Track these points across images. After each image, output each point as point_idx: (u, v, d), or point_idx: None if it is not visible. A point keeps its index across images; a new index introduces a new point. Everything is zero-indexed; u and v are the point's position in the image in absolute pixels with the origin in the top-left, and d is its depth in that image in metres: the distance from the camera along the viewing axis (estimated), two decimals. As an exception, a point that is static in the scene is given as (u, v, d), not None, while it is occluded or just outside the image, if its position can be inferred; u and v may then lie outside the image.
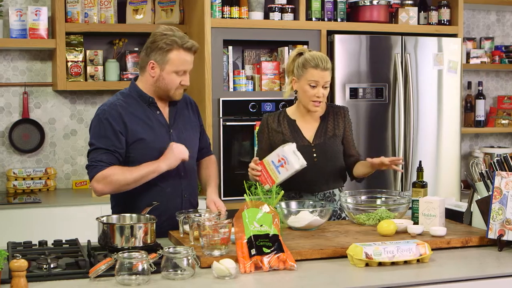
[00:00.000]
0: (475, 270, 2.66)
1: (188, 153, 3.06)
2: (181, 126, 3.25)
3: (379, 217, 3.19)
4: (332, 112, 3.56)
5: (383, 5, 5.05)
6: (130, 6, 4.93)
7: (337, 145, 3.52)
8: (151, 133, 3.12)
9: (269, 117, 3.58)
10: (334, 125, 3.53)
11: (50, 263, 2.48)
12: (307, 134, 3.51)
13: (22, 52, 4.93)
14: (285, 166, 3.23)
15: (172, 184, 3.17)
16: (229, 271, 2.42)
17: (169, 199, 3.15)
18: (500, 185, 2.90)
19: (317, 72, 3.39)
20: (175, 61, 3.07)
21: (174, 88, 3.13)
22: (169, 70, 3.08)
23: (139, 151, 3.09)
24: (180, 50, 3.06)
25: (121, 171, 3.02)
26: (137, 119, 3.11)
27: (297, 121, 3.54)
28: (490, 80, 6.12)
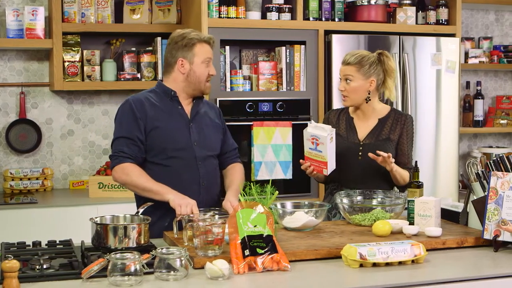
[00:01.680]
0: (470, 270, 2.65)
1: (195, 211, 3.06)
2: (202, 122, 3.39)
3: (374, 218, 3.17)
4: (393, 117, 3.59)
5: (381, 5, 5.03)
6: (127, 6, 4.92)
7: (388, 149, 3.50)
8: (170, 123, 3.29)
9: (331, 113, 3.72)
10: (390, 129, 3.55)
11: (42, 263, 2.48)
12: (361, 133, 3.57)
13: (19, 52, 4.92)
14: (319, 142, 3.32)
15: (189, 171, 3.29)
16: (222, 272, 2.40)
17: (186, 186, 3.23)
18: (496, 186, 2.89)
19: (340, 66, 3.55)
20: (200, 52, 3.31)
21: (205, 79, 3.33)
22: (197, 62, 3.30)
23: (156, 139, 3.26)
24: (202, 43, 3.32)
25: (138, 173, 3.19)
26: (158, 109, 3.29)
27: (354, 119, 3.61)
28: (488, 80, 6.11)
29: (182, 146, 3.29)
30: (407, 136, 3.57)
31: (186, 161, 3.29)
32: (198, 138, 3.33)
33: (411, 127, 3.58)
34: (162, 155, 3.27)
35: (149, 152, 3.28)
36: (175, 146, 3.27)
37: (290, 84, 4.82)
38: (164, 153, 3.27)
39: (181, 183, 3.23)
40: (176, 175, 3.27)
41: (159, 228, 3.08)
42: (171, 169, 3.27)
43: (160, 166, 3.27)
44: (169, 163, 3.27)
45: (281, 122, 4.69)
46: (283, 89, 4.82)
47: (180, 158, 3.28)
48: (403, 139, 3.56)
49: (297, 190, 4.78)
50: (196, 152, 3.31)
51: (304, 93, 4.82)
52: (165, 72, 3.39)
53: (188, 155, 3.29)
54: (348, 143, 3.55)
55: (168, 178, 3.23)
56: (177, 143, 3.28)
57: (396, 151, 3.56)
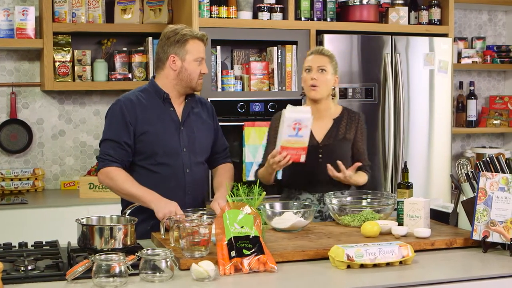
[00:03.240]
0: (459, 271, 2.64)
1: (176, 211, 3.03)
2: (193, 125, 3.33)
3: (364, 218, 3.16)
4: (347, 116, 3.56)
5: (373, 5, 5.02)
6: (118, 6, 4.90)
7: (346, 149, 3.50)
8: (160, 128, 3.23)
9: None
10: (346, 128, 3.53)
11: (27, 265, 2.46)
12: (317, 134, 3.52)
13: (10, 52, 4.90)
14: (302, 126, 3.19)
15: (175, 179, 3.24)
16: (208, 273, 2.39)
17: (172, 194, 3.16)
18: (485, 186, 2.87)
19: (310, 57, 3.50)
20: (193, 50, 3.24)
21: (196, 77, 3.27)
22: (189, 59, 3.24)
23: (145, 143, 3.21)
24: (195, 39, 3.25)
25: (123, 178, 3.15)
26: (149, 112, 3.23)
27: None
28: (482, 80, 6.10)
29: (171, 152, 3.24)
30: (362, 134, 3.55)
31: (173, 168, 3.24)
32: (188, 143, 3.28)
33: (364, 125, 3.58)
34: (150, 160, 3.24)
35: (138, 155, 3.24)
36: (164, 152, 3.23)
37: (281, 84, 4.81)
38: (153, 158, 3.23)
39: (167, 191, 3.17)
40: (162, 183, 3.22)
41: (140, 231, 3.00)
42: (158, 175, 3.23)
43: (148, 171, 3.25)
44: (157, 169, 3.24)
45: (272, 122, 4.67)
46: (275, 89, 4.80)
47: (168, 165, 3.23)
48: (358, 138, 3.55)
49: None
50: (184, 159, 3.26)
51: (295, 93, 4.80)
52: (157, 68, 3.33)
53: (176, 162, 3.25)
54: None
55: (154, 184, 3.18)
56: (165, 149, 3.23)
57: (352, 150, 3.54)
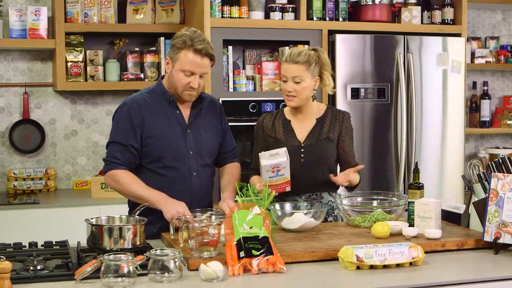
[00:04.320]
0: (469, 273, 2.62)
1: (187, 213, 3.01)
2: (201, 127, 3.30)
3: (375, 219, 3.14)
4: (331, 115, 3.49)
5: (386, 5, 4.99)
6: (131, 6, 4.91)
7: (329, 149, 3.44)
8: (166, 131, 3.21)
9: (265, 118, 3.56)
10: (329, 128, 3.46)
11: (36, 265, 2.46)
12: (300, 134, 3.46)
13: (23, 52, 4.92)
14: (281, 167, 3.24)
15: (182, 182, 3.22)
16: (216, 273, 2.38)
17: (179, 197, 3.14)
18: (497, 187, 2.85)
19: (285, 65, 3.37)
20: (182, 60, 3.13)
21: (181, 87, 3.17)
22: (177, 68, 3.15)
23: (152, 147, 3.20)
24: (189, 50, 3.11)
25: (129, 181, 3.13)
26: (155, 115, 3.21)
27: (292, 121, 3.49)
28: (495, 80, 6.06)
29: (178, 155, 3.22)
30: (347, 133, 3.47)
31: (180, 172, 3.23)
32: (194, 146, 3.26)
33: (350, 124, 3.49)
34: (157, 163, 3.22)
35: (145, 158, 3.23)
36: (171, 156, 3.21)
37: (293, 84, 4.79)
38: (160, 161, 3.22)
39: (174, 194, 3.14)
40: (170, 186, 3.20)
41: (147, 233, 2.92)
42: (166, 179, 3.22)
43: (155, 174, 3.23)
44: (164, 172, 3.23)
45: (284, 122, 4.66)
46: (287, 89, 4.78)
47: (175, 169, 3.22)
48: (344, 137, 3.46)
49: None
50: (190, 162, 3.25)
51: (307, 93, 4.79)
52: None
53: (183, 165, 3.23)
54: (289, 146, 3.36)
55: (162, 187, 3.16)
56: (172, 153, 3.21)
57: (338, 150, 3.48)
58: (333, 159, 3.47)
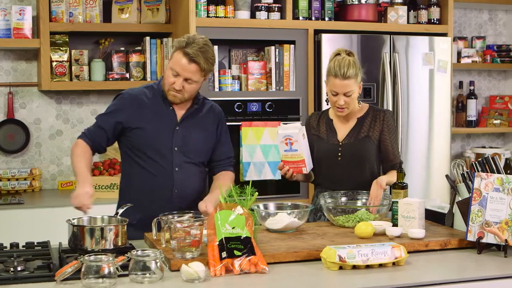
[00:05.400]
0: (453, 273, 2.62)
1: (86, 208, 3.00)
2: (192, 127, 3.32)
3: (359, 219, 3.14)
4: (372, 114, 3.54)
5: (372, 4, 4.99)
6: (116, 5, 4.88)
7: (368, 147, 3.48)
8: (153, 124, 3.27)
9: (312, 117, 3.69)
10: (369, 127, 3.51)
11: (16, 266, 2.45)
12: (340, 133, 3.54)
13: (7, 52, 4.89)
14: (293, 140, 3.35)
15: (163, 176, 3.26)
16: (197, 274, 2.37)
17: (158, 191, 3.24)
18: (480, 187, 2.85)
19: (336, 81, 3.40)
20: (173, 59, 3.22)
21: (167, 86, 3.24)
22: (168, 65, 3.26)
23: (139, 139, 3.28)
24: (180, 52, 3.19)
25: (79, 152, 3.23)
26: (146, 108, 3.29)
27: (334, 121, 3.58)
28: (482, 80, 6.07)
29: (162, 150, 3.27)
30: (389, 132, 3.51)
31: (161, 165, 3.26)
32: (181, 143, 3.28)
33: (391, 122, 3.53)
34: (141, 155, 3.28)
35: (131, 149, 3.31)
36: (154, 149, 3.26)
37: (279, 84, 4.79)
38: (143, 153, 3.28)
39: (152, 187, 3.26)
40: (149, 178, 3.27)
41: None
42: (145, 171, 3.28)
43: (138, 166, 3.30)
44: (145, 165, 3.28)
45: (270, 122, 4.65)
46: (272, 89, 4.78)
47: (156, 162, 3.26)
48: (385, 136, 3.50)
49: (286, 191, 4.74)
50: (174, 158, 3.27)
51: (293, 93, 4.79)
52: None
53: (165, 160, 3.26)
54: (328, 145, 3.52)
55: (141, 179, 3.29)
56: (156, 147, 3.26)
57: (380, 149, 3.52)
58: (372, 158, 3.49)
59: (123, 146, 3.37)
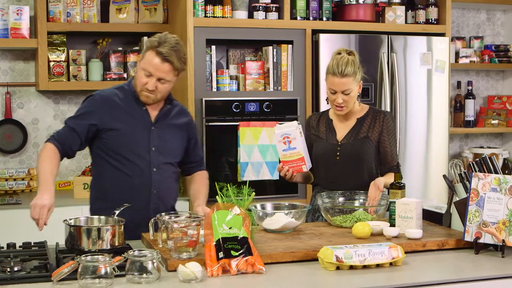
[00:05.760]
0: (450, 273, 2.62)
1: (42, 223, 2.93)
2: (166, 127, 3.30)
3: (356, 219, 3.14)
4: (372, 115, 3.54)
5: (370, 4, 4.99)
6: (113, 5, 4.88)
7: (367, 148, 3.48)
8: (127, 125, 3.22)
9: (311, 117, 3.69)
10: (369, 127, 3.51)
11: (13, 266, 2.44)
12: (339, 133, 3.54)
13: (5, 52, 4.89)
14: (291, 138, 3.36)
15: (141, 177, 3.22)
16: (194, 274, 2.37)
17: (136, 192, 3.20)
18: (477, 187, 2.85)
19: (334, 79, 3.41)
20: (145, 59, 3.18)
21: (139, 86, 3.20)
22: (140, 66, 3.21)
23: (113, 140, 3.22)
24: (153, 51, 3.16)
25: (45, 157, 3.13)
26: (119, 110, 3.23)
27: (334, 121, 3.58)
28: (480, 80, 6.07)
29: (138, 150, 3.22)
30: (388, 133, 3.51)
31: (139, 166, 3.22)
32: (158, 143, 3.25)
33: (391, 124, 3.53)
34: (116, 156, 3.22)
35: (105, 151, 3.24)
36: (130, 150, 3.21)
37: (277, 84, 4.79)
38: (120, 155, 3.22)
39: (131, 189, 3.20)
40: (127, 180, 3.21)
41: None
42: (122, 173, 3.22)
43: (112, 167, 3.23)
44: (122, 166, 3.22)
45: (268, 122, 4.65)
46: (270, 89, 4.78)
47: (134, 163, 3.21)
48: (384, 138, 3.51)
49: (284, 191, 4.74)
50: (152, 158, 3.23)
51: (291, 93, 4.79)
52: None
53: (142, 160, 3.22)
54: (327, 144, 3.53)
55: (119, 182, 3.21)
56: (132, 147, 3.21)
57: (379, 150, 3.52)
58: (370, 158, 3.49)
59: (95, 149, 3.28)
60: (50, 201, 2.93)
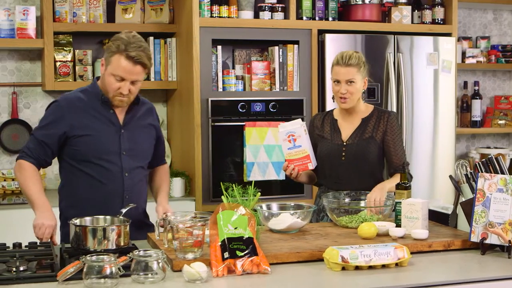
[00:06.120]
0: (456, 274, 2.61)
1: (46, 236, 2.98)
2: (136, 129, 3.24)
3: (362, 220, 3.13)
4: (376, 115, 3.55)
5: (376, 4, 4.99)
6: (119, 5, 4.88)
7: (371, 148, 3.48)
8: (97, 130, 3.14)
9: (316, 117, 3.69)
10: (373, 127, 3.51)
11: (19, 266, 2.44)
12: (344, 134, 3.55)
13: (11, 52, 4.90)
14: (296, 136, 3.39)
15: (113, 182, 3.16)
16: (199, 274, 2.37)
17: (108, 198, 3.13)
18: (483, 187, 2.84)
19: (338, 68, 3.45)
20: (114, 64, 3.05)
21: (112, 92, 3.10)
22: (108, 71, 3.08)
23: (84, 146, 3.12)
24: (122, 56, 3.04)
25: (29, 175, 3.11)
26: (86, 115, 3.14)
27: (338, 121, 3.58)
28: (487, 80, 6.05)
29: (109, 155, 3.15)
30: (392, 133, 3.51)
31: (111, 172, 3.14)
32: (128, 146, 3.18)
33: (395, 124, 3.53)
34: (87, 163, 3.14)
35: (74, 158, 3.15)
36: (101, 155, 3.13)
37: (283, 84, 4.78)
38: (90, 161, 3.13)
39: (103, 195, 3.13)
40: (98, 186, 3.13)
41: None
42: (94, 179, 3.13)
43: (85, 174, 3.15)
44: (93, 172, 3.13)
45: (273, 122, 4.64)
46: (276, 89, 4.78)
47: (105, 168, 3.14)
48: (388, 138, 3.50)
49: (290, 191, 4.74)
50: (123, 163, 3.17)
51: (297, 93, 4.78)
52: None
53: (114, 165, 3.15)
54: (332, 144, 3.53)
55: (90, 188, 3.14)
56: (103, 153, 3.13)
57: (384, 150, 3.51)
58: (375, 159, 3.50)
59: (64, 156, 3.19)
60: (54, 221, 3.02)
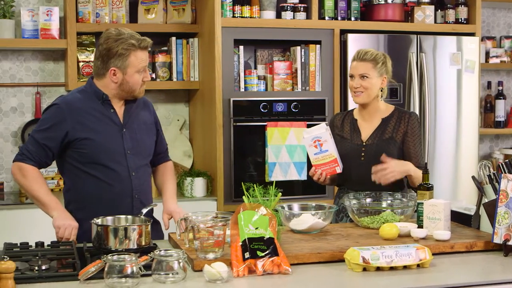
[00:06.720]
0: (478, 275, 2.58)
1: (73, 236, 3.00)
2: (136, 126, 3.23)
3: (384, 220, 3.11)
4: (397, 116, 3.54)
5: (398, 4, 4.96)
6: (142, 5, 4.90)
7: (391, 149, 3.47)
8: (101, 132, 3.12)
9: (336, 117, 3.69)
10: (394, 128, 3.50)
11: (40, 264, 2.46)
12: (364, 134, 3.54)
13: (35, 52, 4.94)
14: (322, 141, 3.38)
15: (121, 183, 3.15)
16: (220, 274, 2.37)
17: (118, 199, 3.13)
18: (507, 188, 2.81)
19: (353, 63, 3.49)
20: (135, 62, 3.09)
21: (139, 87, 3.15)
22: (131, 72, 3.09)
23: (89, 148, 3.10)
24: (138, 51, 3.10)
25: (34, 178, 3.09)
26: (88, 116, 3.12)
27: (358, 121, 3.58)
28: (511, 80, 6.00)
29: (115, 156, 3.13)
30: (412, 134, 3.49)
31: (118, 172, 3.13)
32: (131, 145, 3.17)
33: (416, 125, 3.50)
34: (94, 165, 3.11)
35: (79, 161, 3.12)
36: (107, 156, 3.11)
37: (305, 84, 4.78)
38: (96, 163, 3.11)
39: (113, 196, 3.11)
40: (106, 188, 3.12)
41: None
42: (102, 181, 3.11)
43: (90, 176, 3.12)
44: (100, 175, 3.11)
45: (295, 122, 4.64)
46: (298, 89, 4.77)
47: (112, 170, 3.12)
48: (408, 139, 3.48)
49: (312, 191, 4.73)
50: (129, 162, 3.15)
51: (319, 93, 4.77)
52: (96, 75, 3.17)
53: (120, 166, 3.13)
54: (351, 144, 3.52)
55: (98, 190, 3.11)
56: (108, 154, 3.11)
57: (403, 150, 3.49)
58: (395, 159, 3.44)
59: (68, 158, 3.14)
60: (75, 221, 3.04)
